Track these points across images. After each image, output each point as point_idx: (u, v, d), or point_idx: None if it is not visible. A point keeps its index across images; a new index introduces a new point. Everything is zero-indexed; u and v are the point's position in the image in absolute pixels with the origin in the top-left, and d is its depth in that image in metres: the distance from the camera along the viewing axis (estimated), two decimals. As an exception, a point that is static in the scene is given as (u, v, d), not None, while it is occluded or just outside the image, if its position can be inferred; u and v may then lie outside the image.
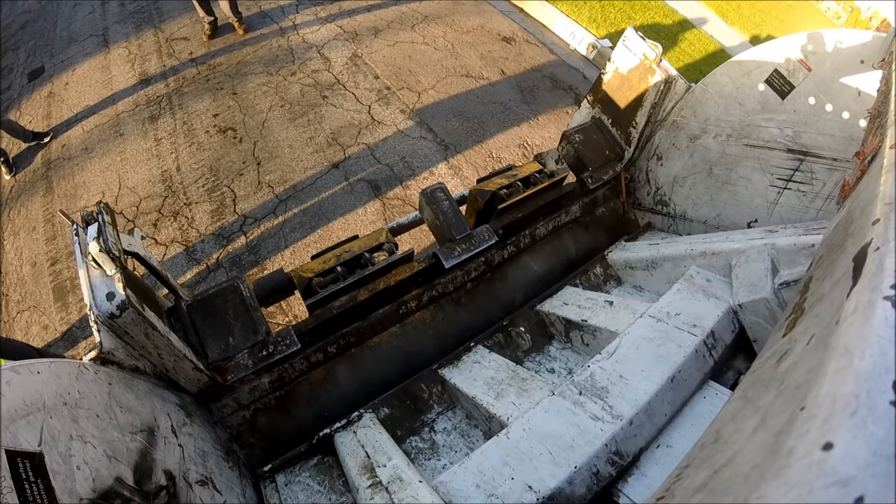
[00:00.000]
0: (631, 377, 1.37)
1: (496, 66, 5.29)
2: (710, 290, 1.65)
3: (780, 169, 1.89)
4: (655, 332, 1.51)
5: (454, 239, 1.93)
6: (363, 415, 1.65)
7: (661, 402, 1.30)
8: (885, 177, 0.79)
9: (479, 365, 1.78)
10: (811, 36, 1.67)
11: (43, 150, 4.49)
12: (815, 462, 0.46)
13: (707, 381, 1.43)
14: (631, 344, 1.48)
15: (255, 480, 1.54)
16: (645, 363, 1.40)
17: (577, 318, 1.85)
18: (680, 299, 1.63)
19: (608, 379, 1.38)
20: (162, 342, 1.33)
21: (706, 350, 1.44)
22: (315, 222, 3.72)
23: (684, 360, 1.38)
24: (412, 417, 1.73)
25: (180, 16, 5.73)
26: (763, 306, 1.49)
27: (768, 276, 1.50)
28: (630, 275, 2.15)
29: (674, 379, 1.34)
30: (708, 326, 1.48)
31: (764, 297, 1.48)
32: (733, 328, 1.53)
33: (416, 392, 1.78)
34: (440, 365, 1.82)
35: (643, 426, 1.26)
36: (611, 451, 1.20)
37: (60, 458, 0.87)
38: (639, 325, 1.54)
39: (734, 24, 8.81)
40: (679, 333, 1.48)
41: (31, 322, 3.35)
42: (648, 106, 2.16)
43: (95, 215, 1.35)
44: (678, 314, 1.56)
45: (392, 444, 1.45)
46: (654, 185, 2.37)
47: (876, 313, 0.56)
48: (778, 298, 1.47)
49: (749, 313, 1.52)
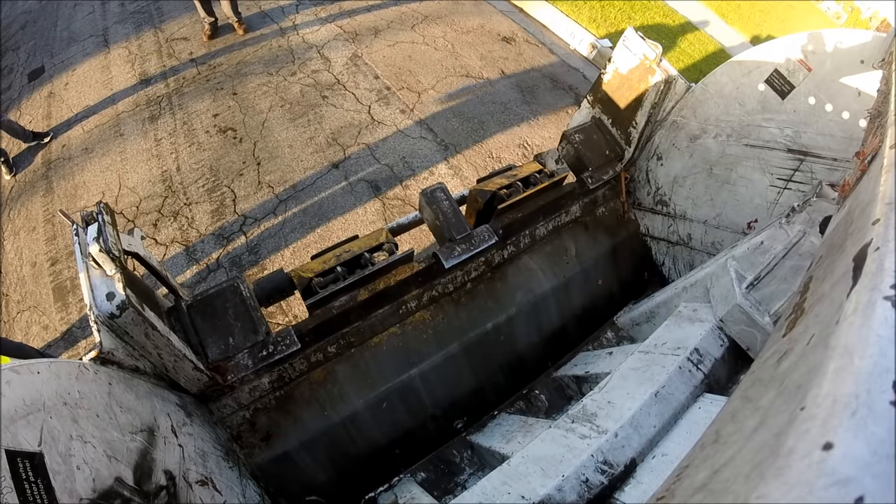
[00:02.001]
0: (617, 400, 1.48)
1: (496, 66, 5.29)
2: (696, 316, 1.76)
3: (780, 169, 1.89)
4: (642, 362, 1.62)
5: (454, 239, 1.93)
6: (403, 479, 1.85)
7: (646, 415, 1.39)
8: (885, 177, 0.79)
9: (499, 426, 2.02)
10: (811, 36, 1.67)
11: (43, 150, 4.49)
12: (815, 462, 0.46)
13: (701, 393, 1.49)
14: (620, 376, 1.60)
15: None
16: (630, 387, 1.52)
17: (582, 373, 2.02)
18: (667, 331, 1.74)
19: (597, 406, 1.50)
20: (162, 342, 1.33)
21: (691, 365, 1.53)
22: (315, 222, 3.72)
23: (667, 377, 1.48)
24: (446, 479, 1.91)
25: (180, 16, 5.73)
26: (738, 312, 1.58)
27: (734, 285, 1.61)
28: (638, 331, 2.28)
29: (658, 394, 1.44)
30: (691, 346, 1.58)
31: (735, 303, 1.58)
32: (721, 342, 1.62)
33: (449, 457, 1.98)
34: (469, 433, 2.05)
35: (630, 437, 1.35)
36: (598, 461, 1.30)
37: (60, 458, 0.87)
38: (628, 360, 1.66)
39: (734, 24, 8.81)
40: (663, 357, 1.59)
41: (31, 322, 3.35)
42: (648, 106, 2.16)
43: (95, 215, 1.35)
44: (664, 343, 1.67)
45: (429, 499, 1.67)
46: (654, 185, 2.37)
47: (876, 313, 0.56)
48: (750, 301, 1.56)
49: (731, 324, 1.62)
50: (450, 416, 2.06)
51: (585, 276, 2.38)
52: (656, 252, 2.52)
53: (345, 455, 1.84)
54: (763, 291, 1.61)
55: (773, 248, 1.65)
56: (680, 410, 1.44)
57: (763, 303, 1.59)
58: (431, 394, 2.00)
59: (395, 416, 1.93)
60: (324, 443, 1.79)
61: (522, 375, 2.23)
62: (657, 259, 2.53)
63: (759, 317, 1.54)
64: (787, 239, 1.65)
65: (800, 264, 1.61)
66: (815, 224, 1.64)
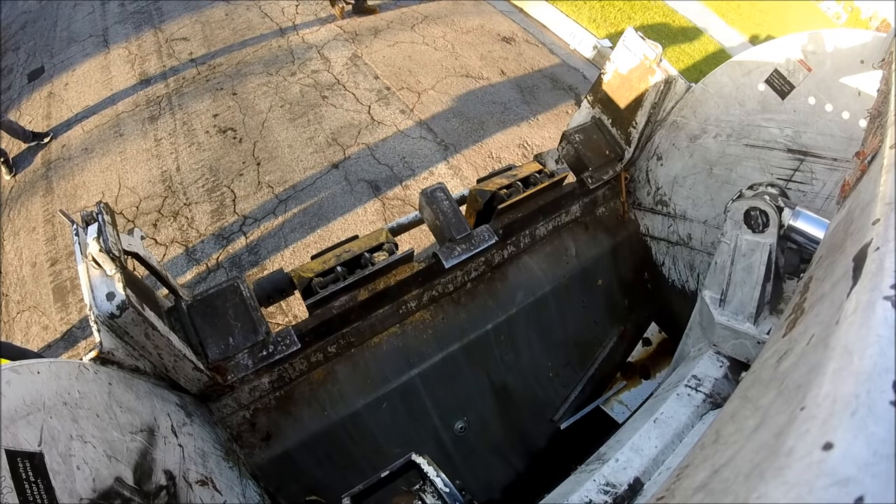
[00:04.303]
0: (622, 436, 1.61)
1: (496, 66, 5.29)
2: (698, 352, 1.88)
3: (780, 169, 1.89)
4: (649, 404, 1.75)
5: (454, 239, 1.93)
6: None
7: (646, 439, 1.49)
8: (885, 177, 0.79)
9: None
10: (811, 36, 1.67)
11: (43, 150, 4.49)
12: (815, 462, 0.46)
13: (707, 411, 1.57)
14: (630, 420, 1.75)
15: None
16: (635, 423, 1.64)
17: None
18: (675, 375, 1.87)
19: (608, 447, 1.63)
20: (162, 342, 1.33)
21: (690, 390, 1.62)
22: (315, 222, 3.72)
23: (665, 403, 1.57)
24: None
25: (180, 16, 5.74)
26: (721, 330, 1.74)
27: (711, 309, 1.79)
28: None
29: (656, 420, 1.53)
30: (688, 374, 1.68)
31: (716, 323, 1.73)
32: (720, 363, 1.73)
33: None
34: None
35: (632, 460, 1.44)
36: (600, 483, 1.39)
37: (60, 458, 0.87)
38: (640, 408, 1.79)
39: (734, 24, 8.81)
40: (664, 392, 1.70)
41: (31, 322, 3.35)
42: (648, 106, 2.16)
43: (95, 215, 1.35)
44: (669, 383, 1.79)
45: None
46: (654, 184, 2.37)
47: (876, 313, 0.55)
48: (726, 316, 1.74)
49: (722, 343, 1.75)
50: (450, 417, 2.06)
51: (585, 275, 2.38)
52: (656, 252, 2.52)
53: (345, 455, 1.84)
54: (733, 303, 1.75)
55: (724, 262, 1.78)
56: (683, 430, 1.51)
57: (738, 312, 1.73)
58: (432, 394, 2.00)
59: (395, 416, 1.92)
60: (324, 443, 1.79)
61: (523, 375, 2.23)
62: (657, 259, 2.53)
63: (739, 325, 1.67)
64: (729, 248, 1.76)
65: (748, 262, 1.70)
66: (740, 221, 1.71)
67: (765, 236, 1.65)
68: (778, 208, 1.63)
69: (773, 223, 1.63)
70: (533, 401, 2.26)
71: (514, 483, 2.16)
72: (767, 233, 1.65)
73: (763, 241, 1.65)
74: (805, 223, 1.58)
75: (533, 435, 2.25)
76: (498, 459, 2.17)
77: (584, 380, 2.37)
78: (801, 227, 1.59)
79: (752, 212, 1.67)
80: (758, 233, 1.67)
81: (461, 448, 2.08)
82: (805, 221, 1.58)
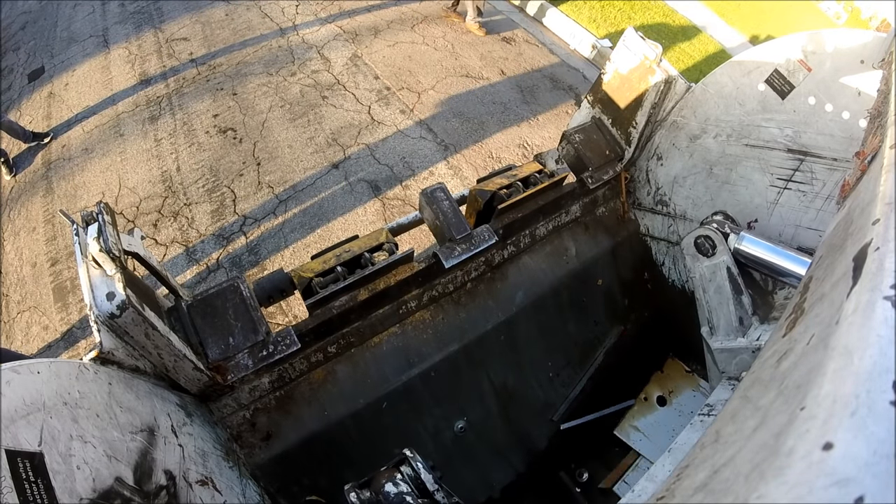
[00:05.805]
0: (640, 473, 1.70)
1: (496, 66, 5.29)
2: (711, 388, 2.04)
3: (781, 169, 1.89)
4: None
5: (454, 239, 1.93)
6: None
7: (660, 467, 1.55)
8: (885, 177, 0.79)
9: None
10: (811, 36, 1.67)
11: (43, 150, 4.49)
12: (815, 462, 0.46)
13: None
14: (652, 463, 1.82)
15: None
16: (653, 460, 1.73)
17: None
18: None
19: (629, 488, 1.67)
20: (162, 342, 1.33)
21: (703, 417, 1.69)
22: (315, 222, 3.73)
23: (681, 434, 1.65)
24: None
25: (180, 16, 5.73)
26: (720, 354, 1.88)
27: (709, 340, 1.93)
28: None
29: (671, 450, 1.60)
30: (702, 404, 1.74)
31: (714, 349, 1.89)
32: (731, 386, 1.80)
33: None
34: None
35: (646, 488, 1.50)
36: None
37: (60, 458, 0.87)
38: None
39: (734, 24, 8.80)
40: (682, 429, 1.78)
41: (32, 322, 3.35)
42: (648, 106, 2.16)
43: (95, 215, 1.35)
44: None
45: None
46: (654, 185, 2.37)
47: (876, 313, 0.55)
48: (719, 339, 1.90)
49: (729, 367, 1.85)
50: (450, 417, 2.06)
51: (585, 275, 2.38)
52: (656, 252, 2.52)
53: (345, 455, 1.84)
54: (721, 326, 1.91)
55: (700, 295, 2.00)
56: None
57: (727, 332, 1.87)
58: (432, 394, 2.00)
59: (395, 416, 1.92)
60: (324, 442, 1.78)
61: (523, 375, 2.23)
62: (657, 259, 2.53)
63: (731, 343, 1.77)
64: (697, 279, 1.99)
65: (716, 284, 1.92)
66: (695, 253, 1.97)
67: (717, 256, 1.89)
68: (724, 234, 1.89)
69: (720, 243, 1.87)
70: (533, 401, 2.26)
71: (514, 483, 2.15)
72: (718, 252, 1.89)
73: (718, 261, 1.89)
74: (749, 245, 1.82)
75: (533, 435, 2.25)
76: (498, 459, 2.16)
77: (583, 380, 2.37)
78: (745, 249, 1.82)
79: (699, 240, 1.94)
80: (711, 256, 1.91)
81: (461, 448, 2.08)
82: (749, 244, 1.82)
